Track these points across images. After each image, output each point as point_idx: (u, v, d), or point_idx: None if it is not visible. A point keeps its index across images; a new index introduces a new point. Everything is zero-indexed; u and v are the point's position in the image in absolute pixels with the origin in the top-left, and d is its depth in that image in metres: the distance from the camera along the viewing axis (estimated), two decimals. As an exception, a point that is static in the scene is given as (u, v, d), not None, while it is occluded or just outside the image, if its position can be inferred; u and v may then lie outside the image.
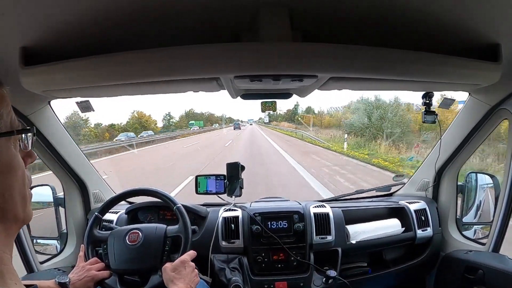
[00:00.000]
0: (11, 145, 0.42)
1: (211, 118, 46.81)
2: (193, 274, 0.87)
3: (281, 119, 34.65)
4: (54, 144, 1.20)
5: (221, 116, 49.13)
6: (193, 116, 40.96)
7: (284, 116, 34.53)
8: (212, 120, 46.40)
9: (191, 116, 40.58)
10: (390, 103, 12.65)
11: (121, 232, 1.01)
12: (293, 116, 30.33)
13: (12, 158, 0.42)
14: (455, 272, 1.26)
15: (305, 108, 29.29)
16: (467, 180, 1.47)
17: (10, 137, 0.42)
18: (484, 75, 0.83)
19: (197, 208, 1.40)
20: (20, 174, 0.43)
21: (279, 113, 35.55)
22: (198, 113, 44.27)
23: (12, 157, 0.42)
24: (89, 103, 1.09)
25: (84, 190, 1.42)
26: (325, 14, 0.69)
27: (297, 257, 1.28)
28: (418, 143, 9.77)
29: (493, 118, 1.17)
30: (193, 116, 41.35)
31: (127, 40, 0.71)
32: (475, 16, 0.68)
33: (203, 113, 45.61)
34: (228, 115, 54.78)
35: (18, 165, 0.43)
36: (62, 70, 0.71)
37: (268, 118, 23.80)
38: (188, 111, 42.22)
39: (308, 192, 5.21)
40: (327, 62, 0.69)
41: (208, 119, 45.26)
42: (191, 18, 0.68)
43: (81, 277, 0.89)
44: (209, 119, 45.93)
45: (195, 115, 42.52)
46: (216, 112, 63.67)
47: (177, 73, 0.70)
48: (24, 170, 0.44)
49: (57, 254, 1.33)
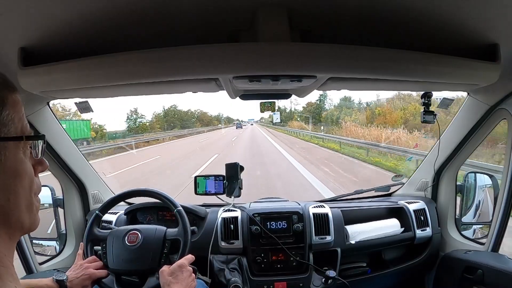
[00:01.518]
0: (20, 151, 0.42)
1: (204, 117, 37.52)
2: (190, 278, 0.87)
3: (301, 118, 23.62)
4: (53, 145, 1.20)
5: (217, 116, 41.46)
6: (175, 116, 31.08)
7: (306, 111, 23.55)
8: (204, 120, 37.23)
9: (172, 116, 30.63)
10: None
11: (120, 232, 1.01)
12: (319, 112, 22.32)
13: (19, 163, 0.42)
14: (454, 272, 1.26)
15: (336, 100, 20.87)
16: (466, 180, 1.47)
17: (20, 142, 0.42)
18: (483, 75, 0.83)
19: (196, 208, 1.39)
20: (27, 180, 0.43)
21: (294, 110, 25.43)
22: (184, 112, 33.58)
23: (19, 162, 0.42)
24: (88, 104, 1.09)
25: (83, 190, 1.42)
26: (324, 14, 0.69)
27: (297, 257, 1.28)
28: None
29: (492, 118, 1.18)
30: (176, 115, 31.35)
31: (125, 41, 0.71)
32: (473, 16, 0.68)
33: (192, 112, 35.63)
34: (225, 114, 46.48)
35: (25, 171, 0.43)
36: (61, 70, 0.71)
37: (279, 117, 15.15)
38: (168, 109, 30.68)
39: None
40: (326, 63, 0.69)
41: (199, 119, 36.46)
42: (189, 18, 0.68)
43: (78, 275, 0.89)
44: (201, 118, 36.87)
45: (178, 113, 31.89)
46: (210, 110, 54.26)
47: (175, 74, 0.70)
48: (33, 177, 0.44)
49: (56, 255, 1.32)
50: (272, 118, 18.32)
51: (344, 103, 20.45)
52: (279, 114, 19.05)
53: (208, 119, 38.88)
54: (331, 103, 23.02)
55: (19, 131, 0.42)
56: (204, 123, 36.95)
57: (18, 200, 0.41)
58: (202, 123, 36.41)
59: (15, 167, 0.41)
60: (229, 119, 44.42)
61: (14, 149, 0.41)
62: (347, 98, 20.45)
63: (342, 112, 19.25)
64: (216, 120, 40.93)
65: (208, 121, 38.80)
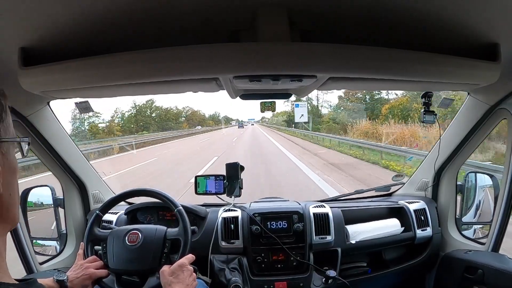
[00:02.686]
0: (14, 150, 0.48)
1: (193, 116, 31.20)
2: (191, 278, 0.87)
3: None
4: (53, 144, 1.20)
5: (213, 115, 34.56)
6: (151, 115, 23.19)
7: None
8: (194, 119, 31.03)
9: (144, 115, 22.59)
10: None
11: (120, 232, 1.01)
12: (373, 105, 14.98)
13: (15, 161, 0.48)
14: (454, 272, 1.26)
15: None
16: (467, 179, 1.47)
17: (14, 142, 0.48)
18: (483, 75, 0.83)
19: (197, 208, 1.39)
20: (17, 176, 0.49)
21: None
22: (165, 109, 26.31)
23: (15, 160, 0.48)
24: (88, 104, 1.10)
25: (84, 190, 1.42)
26: (324, 14, 0.69)
27: (297, 257, 1.28)
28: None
29: (492, 118, 1.18)
30: (155, 114, 23.57)
31: (126, 41, 0.71)
32: (474, 15, 0.68)
33: (179, 110, 28.19)
34: (223, 113, 41.00)
35: (18, 168, 0.49)
36: (62, 70, 0.71)
37: (306, 113, 10.36)
38: (142, 106, 22.48)
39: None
40: (326, 62, 0.69)
41: (189, 118, 30.40)
42: (190, 18, 0.68)
43: (79, 275, 0.89)
44: (190, 117, 30.67)
45: (155, 110, 23.90)
46: (203, 109, 45.39)
47: (176, 74, 0.70)
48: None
49: (57, 255, 1.32)
50: (293, 114, 11.14)
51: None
52: (306, 108, 11.61)
53: (199, 118, 32.86)
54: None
55: (12, 132, 0.48)
56: (193, 123, 30.39)
57: (15, 195, 0.47)
58: (191, 123, 29.92)
59: (14, 165, 0.47)
60: (227, 118, 39.77)
61: (12, 148, 0.47)
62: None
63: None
64: (211, 120, 34.85)
65: (200, 121, 32.59)
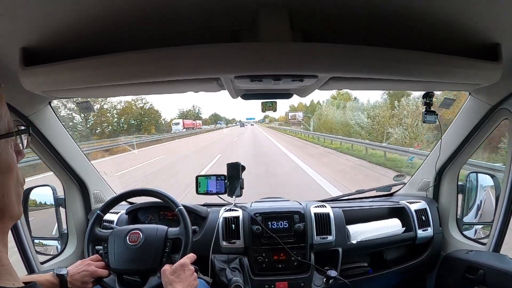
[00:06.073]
0: (9, 145, 0.43)
1: (188, 116, 26.65)
2: (192, 277, 0.87)
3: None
4: (55, 144, 1.20)
5: (213, 115, 31.85)
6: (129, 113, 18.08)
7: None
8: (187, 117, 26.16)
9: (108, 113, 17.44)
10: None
11: (121, 231, 1.01)
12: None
13: (11, 158, 0.43)
14: (455, 272, 1.26)
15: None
16: (468, 180, 1.47)
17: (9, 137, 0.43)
18: (484, 75, 0.83)
19: (198, 208, 1.40)
20: (15, 173, 0.44)
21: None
22: (147, 109, 21.77)
23: (10, 157, 0.43)
24: (90, 104, 1.10)
25: (85, 190, 1.42)
26: (325, 14, 0.69)
27: (298, 257, 1.28)
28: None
29: (493, 118, 1.17)
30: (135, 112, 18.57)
31: (127, 41, 0.71)
32: (475, 15, 0.68)
33: (136, 108, 21.76)
34: (221, 113, 36.17)
35: (15, 164, 0.44)
36: (63, 70, 0.71)
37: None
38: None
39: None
40: (327, 62, 0.69)
41: (183, 117, 26.34)
42: (191, 18, 0.69)
43: (79, 270, 0.89)
44: (183, 117, 26.22)
45: (137, 109, 19.39)
46: (200, 104, 39.75)
47: (177, 74, 0.70)
48: (18, 169, 0.46)
49: (58, 254, 1.33)
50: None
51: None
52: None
53: (190, 116, 26.16)
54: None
55: (7, 126, 0.43)
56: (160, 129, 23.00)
57: (10, 195, 0.43)
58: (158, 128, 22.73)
59: (8, 162, 0.43)
60: (223, 118, 36.06)
61: (5, 144, 0.42)
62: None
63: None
64: (208, 119, 28.12)
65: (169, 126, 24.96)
